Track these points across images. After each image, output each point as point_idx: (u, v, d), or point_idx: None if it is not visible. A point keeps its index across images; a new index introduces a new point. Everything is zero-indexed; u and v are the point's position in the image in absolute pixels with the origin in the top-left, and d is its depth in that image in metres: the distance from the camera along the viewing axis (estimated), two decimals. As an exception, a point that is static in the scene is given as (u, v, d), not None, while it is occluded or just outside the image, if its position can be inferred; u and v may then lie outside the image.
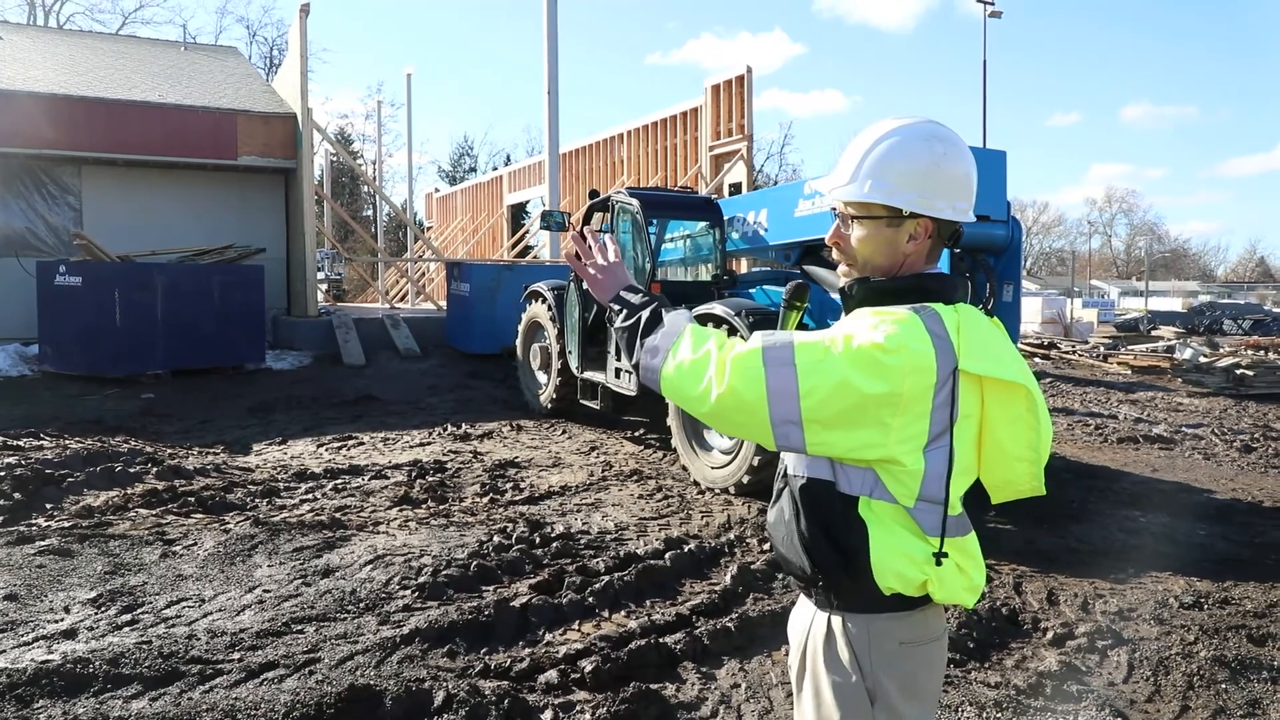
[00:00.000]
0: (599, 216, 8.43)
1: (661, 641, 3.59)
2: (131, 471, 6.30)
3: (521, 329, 9.76)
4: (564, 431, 8.64)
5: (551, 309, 8.82)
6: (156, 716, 2.92)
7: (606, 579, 4.25)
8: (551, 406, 9.19)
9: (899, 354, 1.42)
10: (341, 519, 5.36)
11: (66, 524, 5.12)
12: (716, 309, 6.40)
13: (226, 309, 11.97)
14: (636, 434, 8.42)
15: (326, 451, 7.65)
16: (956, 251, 6.17)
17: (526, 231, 23.65)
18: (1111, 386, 12.89)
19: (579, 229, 8.49)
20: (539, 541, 4.90)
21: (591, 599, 4.04)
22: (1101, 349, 17.91)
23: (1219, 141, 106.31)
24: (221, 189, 14.96)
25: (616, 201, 7.91)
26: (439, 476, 6.59)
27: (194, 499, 5.67)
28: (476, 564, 4.44)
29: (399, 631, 3.63)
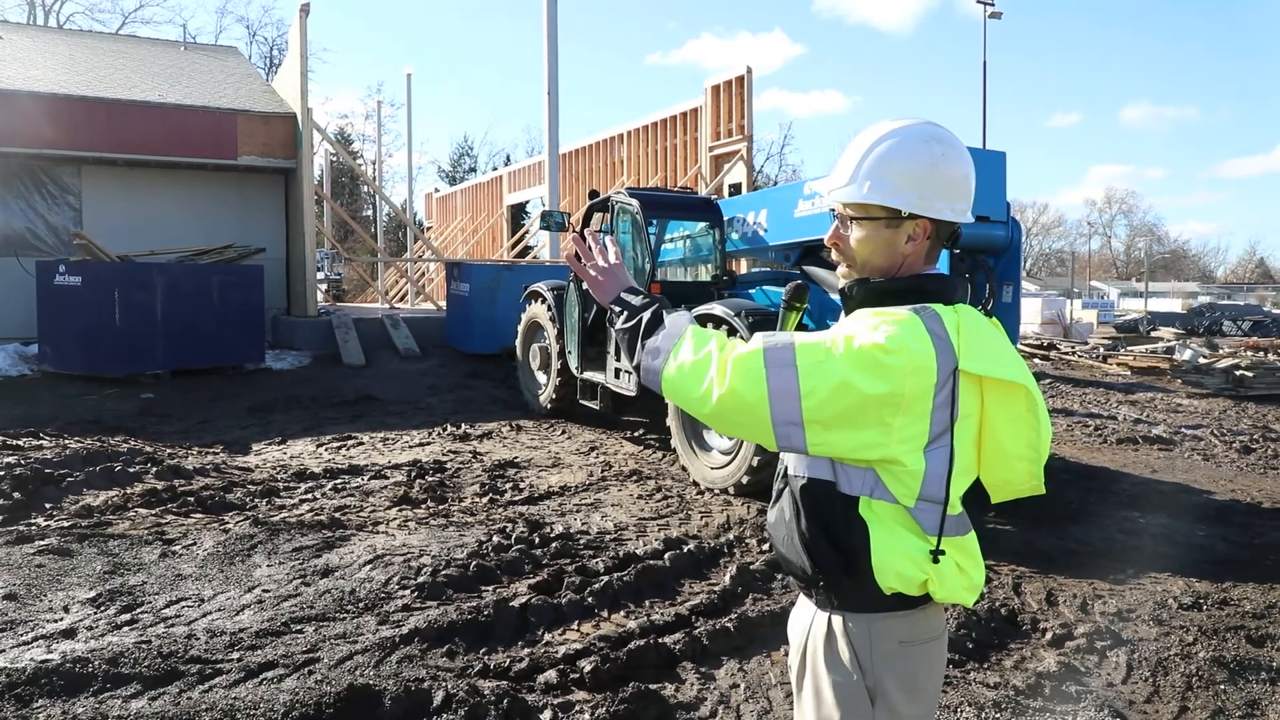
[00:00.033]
0: (599, 217, 8.43)
1: (661, 642, 3.59)
2: (131, 471, 6.30)
3: (521, 329, 9.76)
4: (563, 432, 8.64)
5: (551, 309, 8.82)
6: (156, 716, 2.92)
7: (606, 579, 4.25)
8: (551, 407, 9.19)
9: (900, 354, 1.42)
10: (341, 519, 5.36)
11: (66, 524, 5.12)
12: (716, 309, 6.40)
13: (226, 309, 11.98)
14: (636, 434, 8.43)
15: (326, 451, 7.65)
16: (956, 252, 6.18)
17: (526, 232, 23.65)
18: (1111, 387, 12.90)
19: (579, 230, 8.51)
20: (538, 542, 4.90)
21: (591, 599, 4.05)
22: (1101, 350, 17.90)
23: (1219, 142, 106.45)
24: (221, 189, 14.97)
25: (616, 202, 7.91)
26: (438, 476, 6.60)
27: (193, 499, 5.67)
28: (476, 564, 4.44)
29: (398, 631, 3.63)
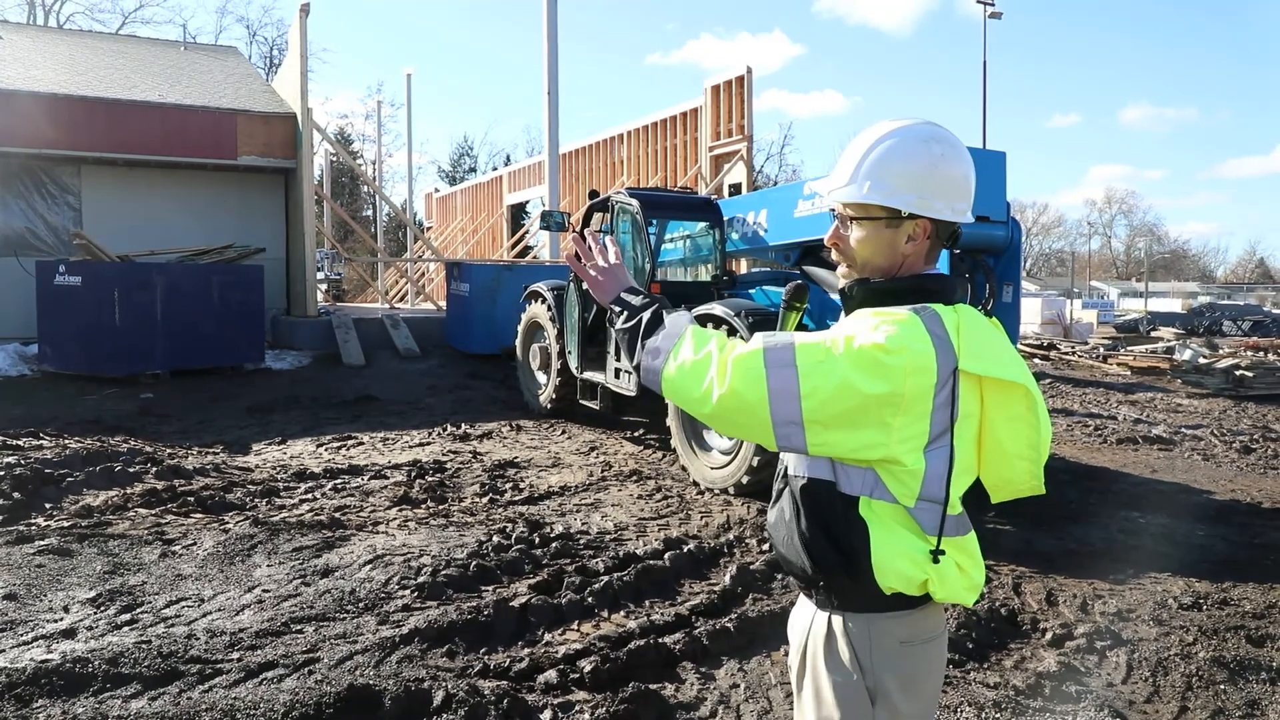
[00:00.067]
0: (599, 217, 8.43)
1: (661, 642, 3.59)
2: (131, 471, 6.30)
3: (521, 329, 9.76)
4: (563, 432, 8.64)
5: (551, 309, 8.82)
6: (156, 716, 2.92)
7: (606, 579, 4.25)
8: (551, 407, 9.19)
9: (900, 354, 1.42)
10: (341, 519, 5.36)
11: (66, 524, 5.12)
12: (716, 309, 6.40)
13: (226, 309, 11.98)
14: (636, 434, 8.43)
15: (326, 451, 7.65)
16: (956, 252, 6.18)
17: (526, 232, 23.65)
18: (1111, 387, 12.90)
19: (579, 230, 8.51)
20: (538, 542, 4.90)
21: (591, 599, 4.05)
22: (1101, 350, 17.90)
23: (1218, 143, 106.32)
24: (221, 189, 14.97)
25: (616, 202, 7.91)
26: (438, 476, 6.60)
27: (193, 499, 5.67)
28: (476, 564, 4.44)
29: (398, 631, 3.63)
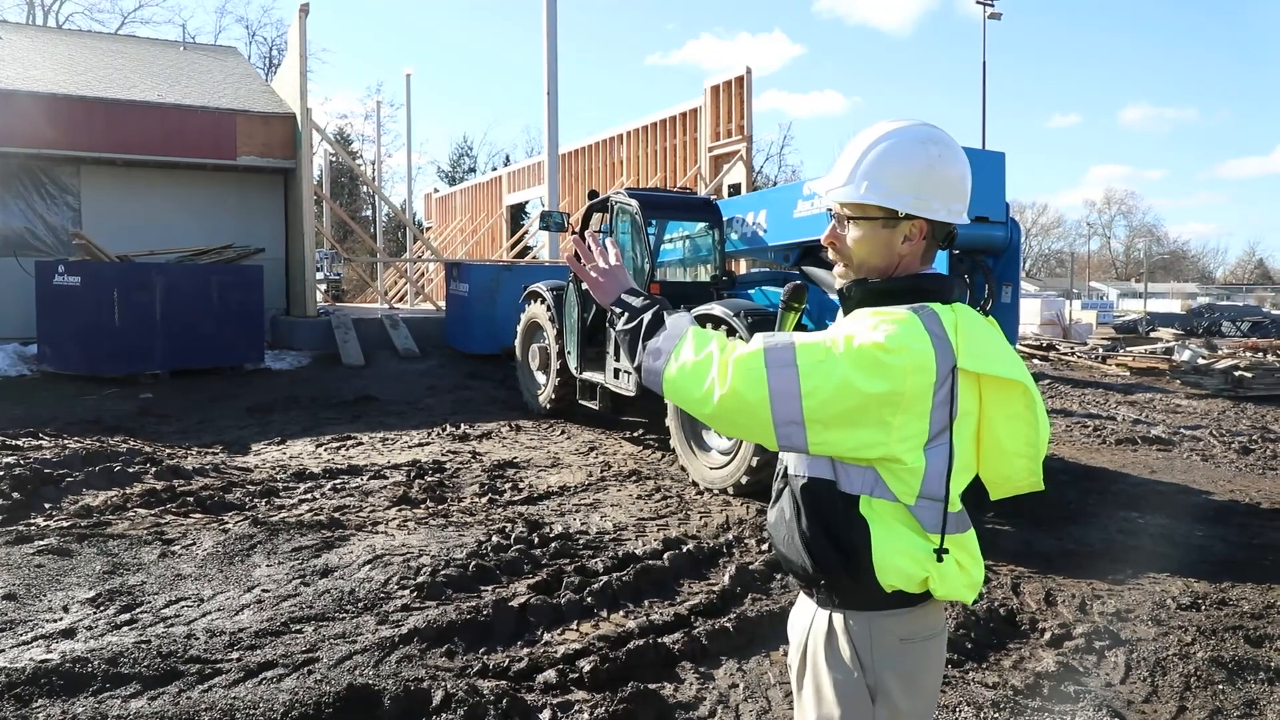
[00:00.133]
0: (598, 217, 8.43)
1: (660, 641, 3.59)
2: (130, 471, 6.30)
3: (520, 329, 9.77)
4: (563, 432, 8.64)
5: (550, 309, 8.82)
6: (155, 716, 2.92)
7: (605, 579, 4.25)
8: (550, 407, 9.19)
9: (900, 353, 1.43)
10: (340, 519, 5.36)
11: (65, 524, 5.12)
12: (716, 310, 6.41)
13: (225, 309, 11.97)
14: (635, 434, 8.43)
15: (325, 451, 7.65)
16: (956, 253, 6.18)
17: (526, 232, 23.65)
18: (1110, 388, 12.91)
19: (579, 231, 8.50)
20: (538, 542, 4.90)
21: (590, 599, 4.05)
22: (1100, 350, 17.92)
23: (1218, 143, 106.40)
24: (220, 189, 14.97)
25: (616, 202, 7.91)
26: (438, 477, 6.60)
27: (193, 499, 5.67)
28: (475, 564, 4.45)
29: (397, 631, 3.63)
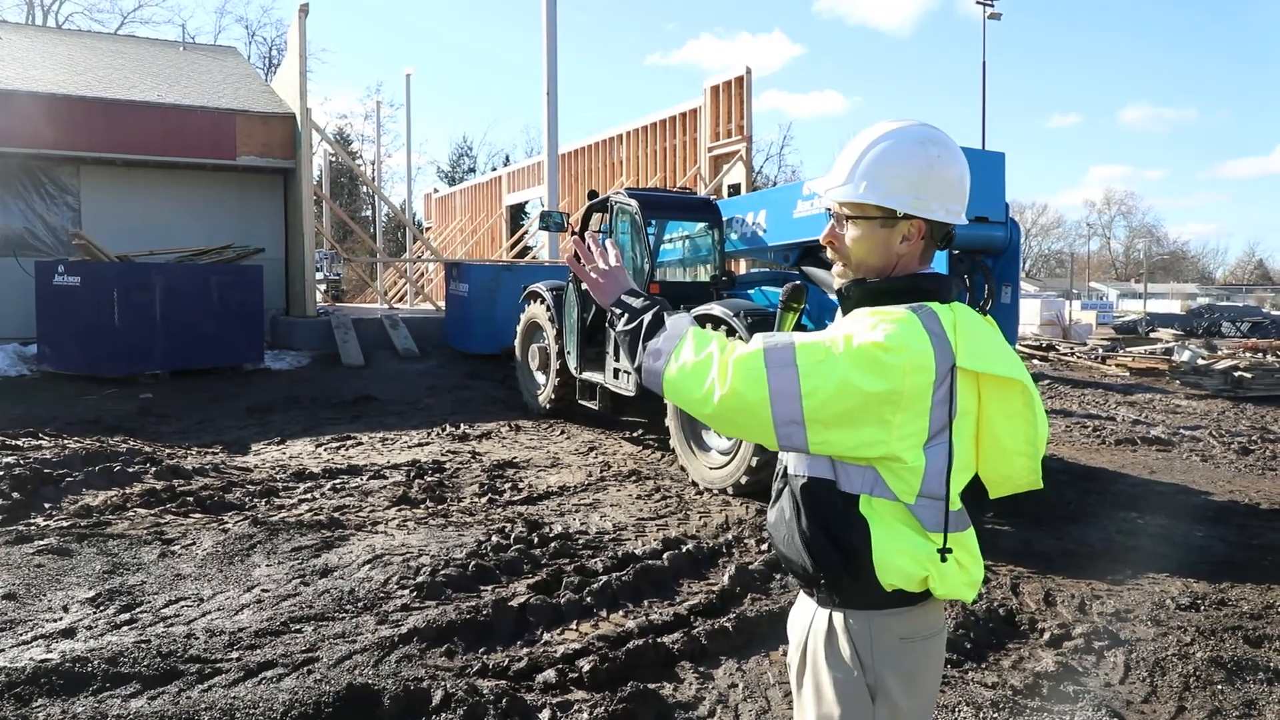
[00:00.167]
0: (598, 217, 8.43)
1: (659, 641, 3.59)
2: (130, 471, 6.30)
3: (520, 329, 9.77)
4: (562, 432, 8.64)
5: (550, 310, 8.82)
6: (155, 715, 2.92)
7: (604, 579, 4.25)
8: (550, 407, 9.20)
9: (899, 353, 1.44)
10: (340, 519, 5.36)
11: (65, 523, 5.12)
12: (715, 310, 6.41)
13: (225, 309, 11.97)
14: (635, 434, 8.43)
15: (325, 451, 7.65)
16: (955, 253, 6.18)
17: (525, 232, 23.65)
18: (1110, 388, 12.91)
19: (578, 231, 8.49)
20: (537, 541, 4.90)
21: (589, 599, 4.05)
22: (1100, 351, 17.92)
23: (1218, 143, 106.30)
24: (220, 189, 14.97)
25: (615, 202, 7.92)
26: (437, 477, 6.60)
27: (192, 499, 5.67)
28: (475, 564, 4.45)
29: (397, 631, 3.64)
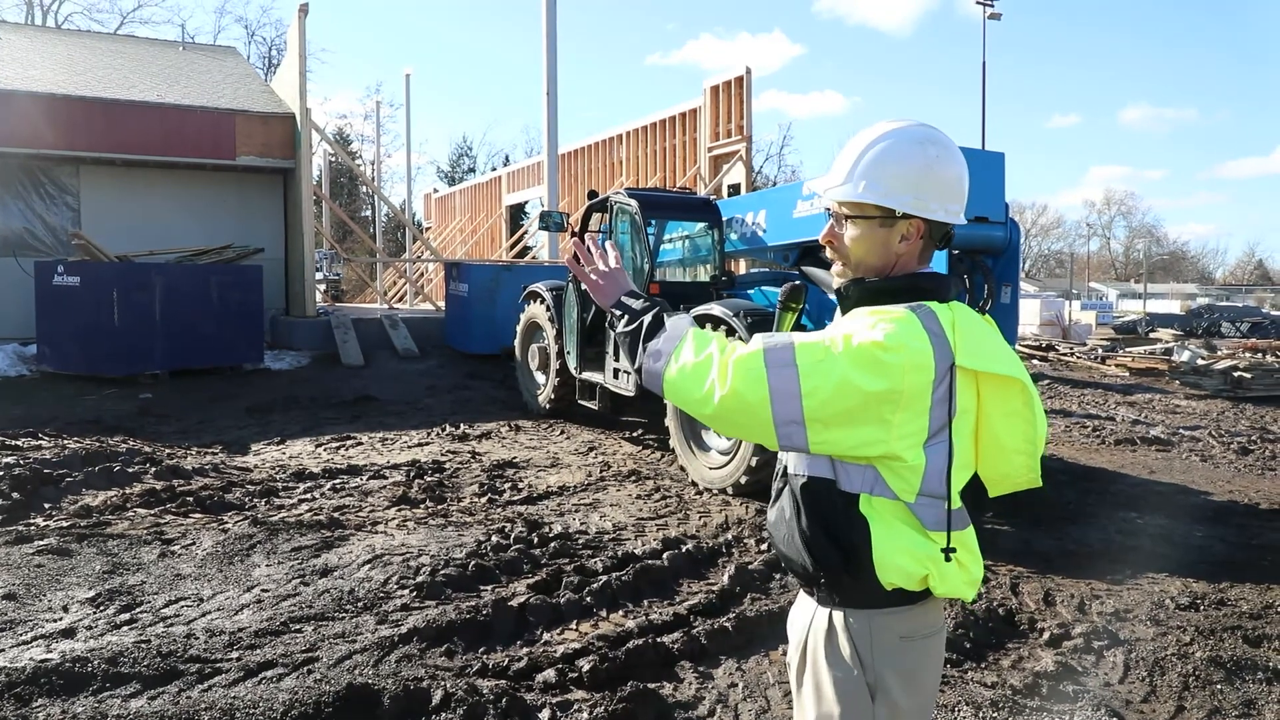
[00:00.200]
0: (598, 217, 8.43)
1: (659, 641, 3.59)
2: (130, 471, 6.30)
3: (520, 330, 9.77)
4: (562, 432, 8.65)
5: (550, 310, 8.83)
6: (155, 715, 2.92)
7: (604, 579, 4.25)
8: (550, 407, 9.20)
9: (898, 352, 1.44)
10: (340, 519, 5.36)
11: (65, 523, 5.12)
12: (715, 310, 6.41)
13: (225, 309, 11.97)
14: (634, 434, 8.43)
15: (325, 451, 7.65)
16: (955, 253, 6.18)
17: (525, 232, 23.65)
18: (1109, 388, 12.91)
19: (578, 232, 8.47)
20: (537, 541, 4.90)
21: (589, 599, 4.05)
22: (1100, 351, 17.93)
23: (1218, 144, 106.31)
24: (220, 189, 14.97)
25: (615, 202, 7.92)
26: (437, 477, 6.60)
27: (192, 499, 5.67)
28: (475, 564, 4.45)
29: (397, 631, 3.64)
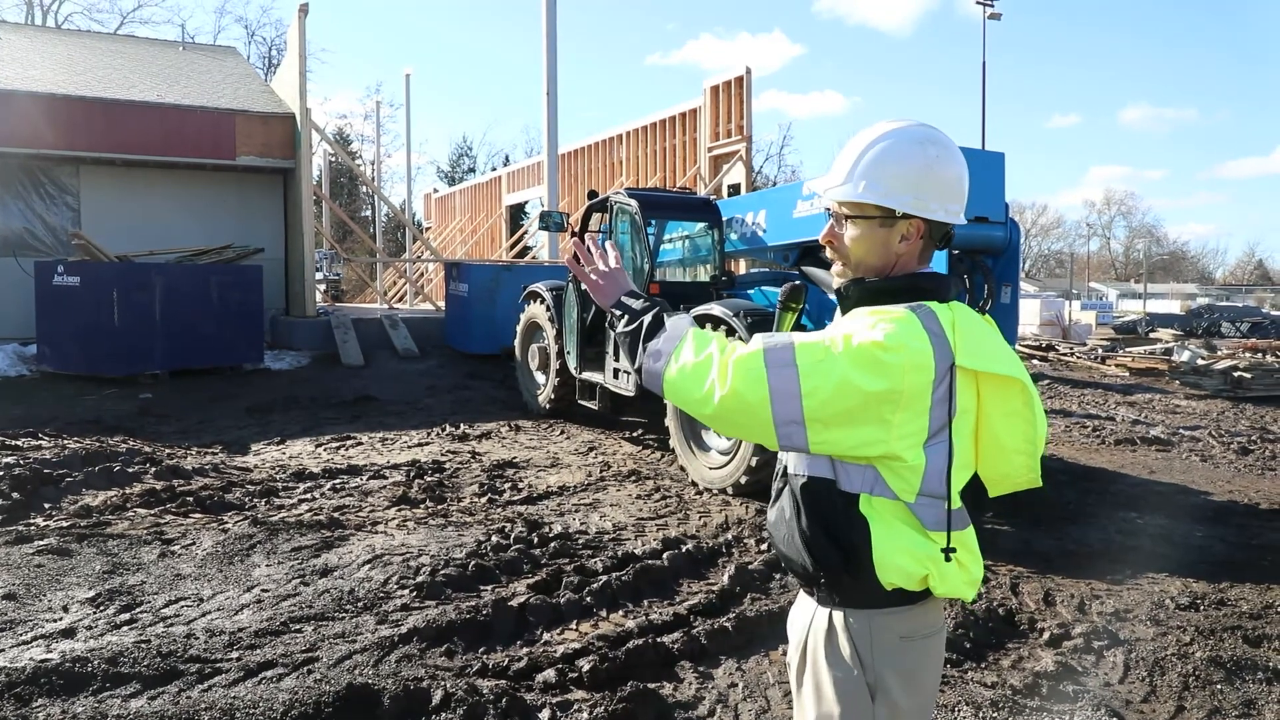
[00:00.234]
0: (598, 217, 8.43)
1: (659, 641, 3.59)
2: (130, 471, 6.30)
3: (520, 329, 9.77)
4: (562, 432, 8.64)
5: (550, 310, 8.83)
6: (155, 715, 2.92)
7: (604, 579, 4.25)
8: (550, 407, 9.20)
9: (898, 352, 1.44)
10: (340, 519, 5.36)
11: (65, 524, 5.12)
12: (715, 310, 6.41)
13: (225, 309, 11.97)
14: (634, 434, 8.43)
15: (325, 451, 7.65)
16: (955, 253, 6.18)
17: (525, 232, 23.65)
18: (1109, 388, 12.91)
19: (578, 232, 8.46)
20: (537, 541, 4.90)
21: (589, 599, 4.05)
22: (1100, 351, 17.93)
23: (1218, 144, 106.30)
24: (220, 189, 14.97)
25: (615, 202, 7.92)
26: (437, 477, 6.60)
27: (192, 499, 5.67)
28: (475, 564, 4.45)
29: (397, 631, 3.64)
